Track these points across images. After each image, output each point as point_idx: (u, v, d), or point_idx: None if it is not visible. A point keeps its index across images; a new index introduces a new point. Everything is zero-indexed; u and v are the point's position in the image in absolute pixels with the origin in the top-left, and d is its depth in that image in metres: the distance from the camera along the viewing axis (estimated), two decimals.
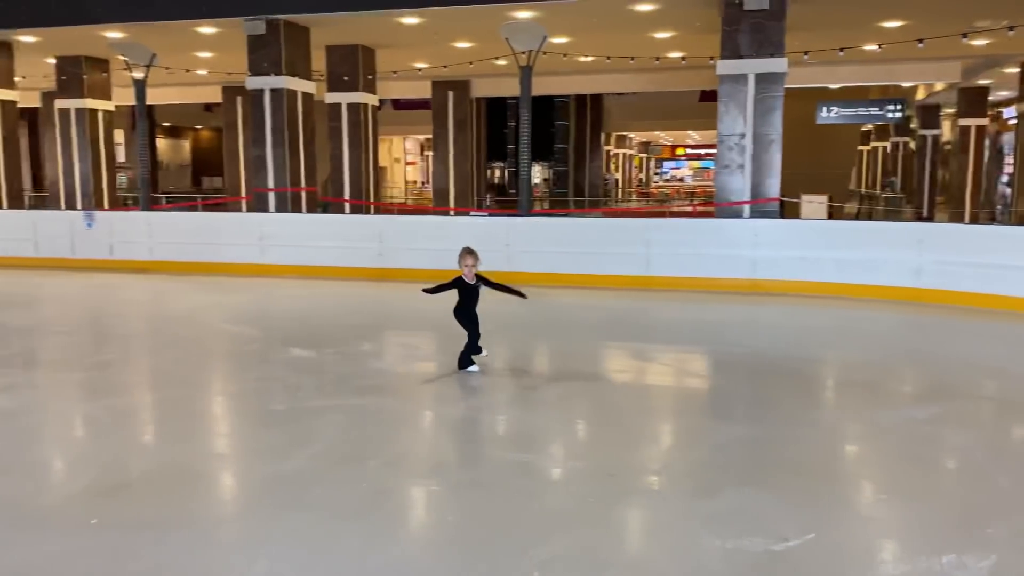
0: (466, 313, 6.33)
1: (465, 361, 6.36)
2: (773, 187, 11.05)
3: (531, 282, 11.16)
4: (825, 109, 18.56)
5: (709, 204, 15.09)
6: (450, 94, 20.36)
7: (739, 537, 3.53)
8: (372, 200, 15.71)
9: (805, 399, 6.04)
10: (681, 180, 58.76)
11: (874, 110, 18.01)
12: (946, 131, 27.95)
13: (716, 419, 5.54)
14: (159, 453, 4.72)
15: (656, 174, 61.65)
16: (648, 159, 58.83)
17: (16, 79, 16.16)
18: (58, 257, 13.21)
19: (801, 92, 19.05)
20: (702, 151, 60.75)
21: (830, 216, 17.37)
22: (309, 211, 13.82)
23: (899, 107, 17.61)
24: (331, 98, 15.23)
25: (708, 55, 14.19)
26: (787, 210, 15.21)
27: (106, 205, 17.38)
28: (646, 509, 3.97)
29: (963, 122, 20.66)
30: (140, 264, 12.77)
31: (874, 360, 7.16)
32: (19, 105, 16.93)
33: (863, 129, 33.57)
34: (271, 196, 13.16)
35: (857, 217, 21.64)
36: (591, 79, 20.14)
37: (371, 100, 15.56)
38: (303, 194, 13.56)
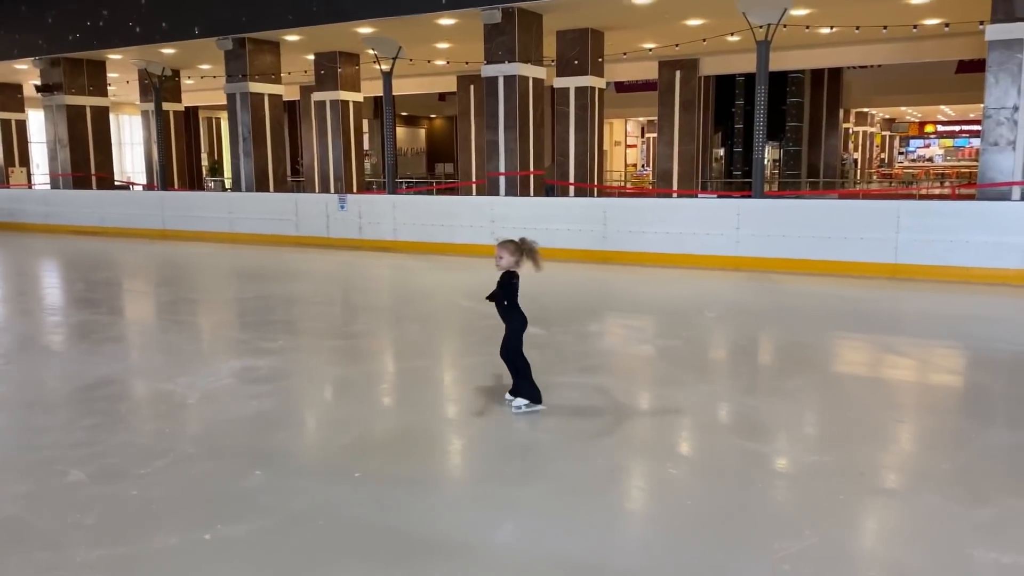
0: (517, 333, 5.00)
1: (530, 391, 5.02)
2: None
3: (762, 268, 10.74)
4: None
5: (971, 186, 13.61)
6: (677, 73, 19.95)
7: (1020, 552, 3.18)
8: (596, 183, 15.80)
9: None
10: (930, 160, 53.59)
11: None
12: None
13: (977, 422, 5.01)
14: (409, 416, 5.08)
15: (900, 153, 56.68)
16: (892, 137, 54.16)
17: (281, 75, 17.97)
18: (314, 235, 14.59)
19: None
20: (956, 128, 55.01)
21: None
22: (536, 194, 14.17)
23: None
24: (560, 82, 15.48)
25: (973, 19, 12.77)
26: None
27: (355, 189, 18.94)
28: (902, 511, 3.69)
29: None
30: (385, 243, 13.79)
31: None
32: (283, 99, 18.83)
33: None
34: (502, 180, 13.65)
35: None
36: (832, 52, 18.86)
37: (598, 83, 15.62)
38: (531, 177, 13.93)
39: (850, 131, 37.77)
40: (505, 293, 4.91)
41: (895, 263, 10.10)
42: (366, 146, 29.97)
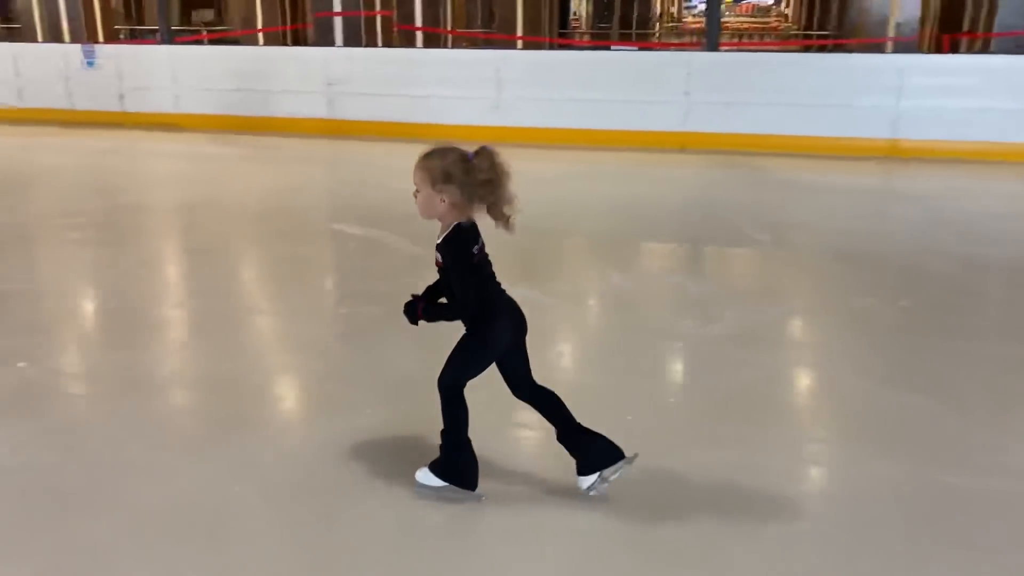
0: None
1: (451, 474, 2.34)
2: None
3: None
4: None
5: (841, 40, 11.23)
6: None
7: None
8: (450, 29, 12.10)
9: None
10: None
11: None
12: None
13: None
14: None
15: (686, 9, 56.61)
16: None
17: None
18: (50, 108, 9.84)
19: None
20: None
21: None
22: (386, 45, 10.28)
23: None
24: None
25: None
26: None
27: (101, 38, 13.70)
28: None
29: None
30: (163, 118, 9.44)
31: None
32: None
33: None
34: (338, 22, 9.56)
35: None
36: None
37: None
38: (378, 19, 9.99)
39: None
40: (460, 277, 2.17)
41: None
42: None
